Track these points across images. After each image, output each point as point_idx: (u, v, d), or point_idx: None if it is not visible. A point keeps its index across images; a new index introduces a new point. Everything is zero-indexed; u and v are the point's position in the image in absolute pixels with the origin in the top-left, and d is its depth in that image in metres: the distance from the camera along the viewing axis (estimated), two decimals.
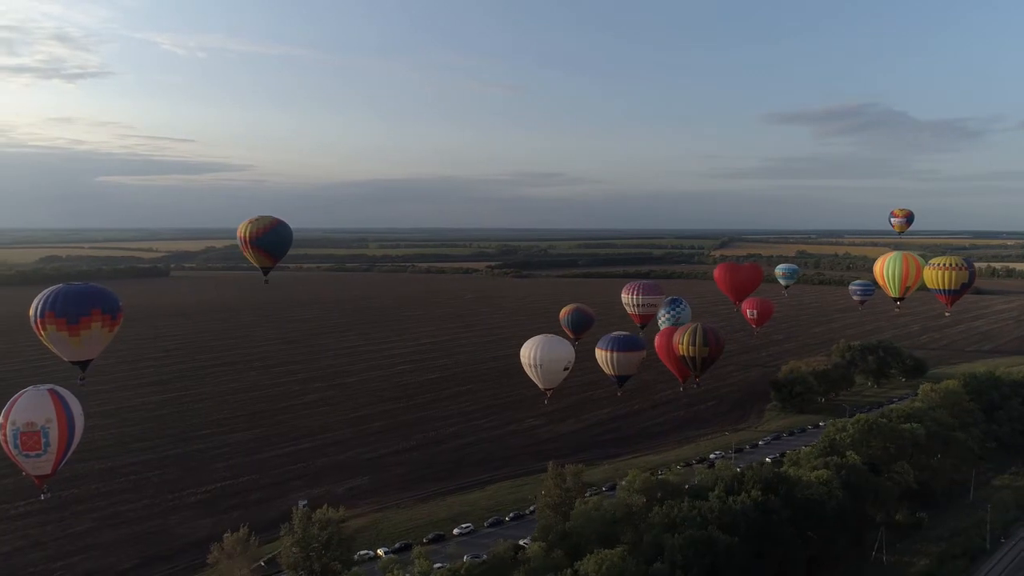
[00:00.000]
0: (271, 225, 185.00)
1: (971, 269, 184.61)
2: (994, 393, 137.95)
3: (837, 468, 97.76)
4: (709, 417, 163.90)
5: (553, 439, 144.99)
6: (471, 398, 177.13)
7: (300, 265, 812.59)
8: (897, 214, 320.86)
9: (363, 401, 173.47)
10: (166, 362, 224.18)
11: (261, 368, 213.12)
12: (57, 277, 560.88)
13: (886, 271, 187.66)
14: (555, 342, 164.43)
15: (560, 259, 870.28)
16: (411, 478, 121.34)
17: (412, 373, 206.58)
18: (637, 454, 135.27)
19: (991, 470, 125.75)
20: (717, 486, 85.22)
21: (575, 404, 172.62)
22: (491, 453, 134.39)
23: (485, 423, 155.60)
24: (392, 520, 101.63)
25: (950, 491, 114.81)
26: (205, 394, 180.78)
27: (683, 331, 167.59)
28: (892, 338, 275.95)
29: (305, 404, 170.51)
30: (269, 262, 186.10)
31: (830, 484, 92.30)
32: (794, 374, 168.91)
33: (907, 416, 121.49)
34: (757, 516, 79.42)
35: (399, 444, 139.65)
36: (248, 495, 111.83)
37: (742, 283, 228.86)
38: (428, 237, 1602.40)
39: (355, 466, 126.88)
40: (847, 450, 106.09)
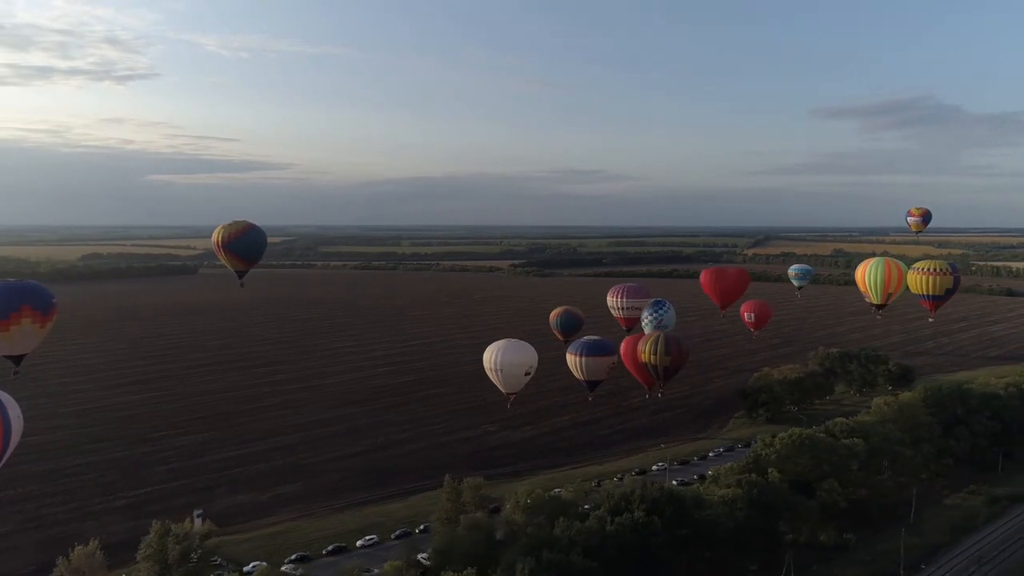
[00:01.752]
0: (244, 230, 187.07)
1: (956, 274, 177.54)
2: (958, 407, 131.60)
3: (750, 486, 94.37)
4: (671, 426, 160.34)
5: (501, 447, 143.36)
6: (436, 402, 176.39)
7: (328, 263, 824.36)
8: (914, 213, 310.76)
9: (327, 404, 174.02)
10: (156, 361, 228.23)
11: (243, 369, 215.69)
12: (88, 274, 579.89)
13: (868, 278, 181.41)
14: (517, 347, 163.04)
15: (586, 258, 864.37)
16: (342, 486, 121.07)
17: (388, 376, 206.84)
18: (580, 464, 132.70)
19: (946, 488, 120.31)
20: (603, 505, 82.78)
21: (540, 409, 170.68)
22: (432, 460, 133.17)
23: (439, 428, 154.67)
24: (302, 530, 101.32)
25: (893, 511, 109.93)
26: (179, 395, 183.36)
27: (647, 339, 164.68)
28: (899, 342, 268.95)
29: (270, 406, 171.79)
30: (242, 266, 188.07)
31: (733, 504, 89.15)
32: (761, 382, 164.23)
33: (851, 430, 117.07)
34: (632, 538, 76.81)
35: (344, 450, 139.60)
36: (174, 500, 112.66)
37: (728, 289, 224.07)
38: (465, 234, 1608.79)
39: (291, 472, 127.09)
40: (771, 466, 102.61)
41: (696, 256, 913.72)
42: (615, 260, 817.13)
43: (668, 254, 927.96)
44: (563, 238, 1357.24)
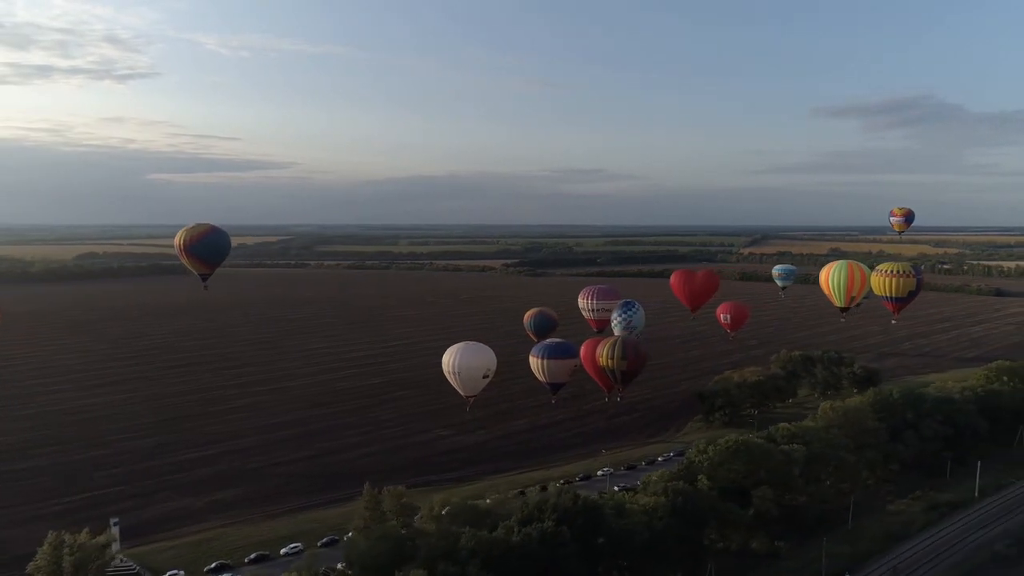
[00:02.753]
0: (205, 233, 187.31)
1: (919, 276, 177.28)
2: (908, 412, 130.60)
3: (674, 494, 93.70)
4: (628, 429, 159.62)
5: (451, 451, 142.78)
6: (398, 405, 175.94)
7: (321, 263, 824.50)
8: (896, 213, 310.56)
9: (290, 407, 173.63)
10: (132, 362, 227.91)
11: (216, 370, 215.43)
12: (80, 274, 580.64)
13: (831, 281, 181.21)
14: (475, 349, 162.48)
15: (580, 257, 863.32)
16: (284, 491, 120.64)
17: (356, 378, 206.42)
18: (526, 469, 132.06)
19: (892, 494, 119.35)
20: (515, 515, 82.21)
21: (500, 412, 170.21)
22: (379, 465, 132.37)
23: (393, 432, 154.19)
24: (230, 537, 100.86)
25: (833, 517, 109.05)
26: (146, 396, 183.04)
27: (605, 343, 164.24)
28: (877, 343, 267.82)
29: (233, 409, 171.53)
30: (205, 269, 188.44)
31: (653, 513, 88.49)
32: (719, 385, 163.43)
33: (792, 436, 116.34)
34: (539, 549, 76.17)
35: (295, 454, 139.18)
36: (110, 506, 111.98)
37: (696, 290, 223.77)
38: (465, 234, 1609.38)
39: (236, 476, 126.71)
40: (703, 473, 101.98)
41: (691, 256, 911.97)
42: (609, 260, 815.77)
43: (664, 253, 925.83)
44: (562, 237, 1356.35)
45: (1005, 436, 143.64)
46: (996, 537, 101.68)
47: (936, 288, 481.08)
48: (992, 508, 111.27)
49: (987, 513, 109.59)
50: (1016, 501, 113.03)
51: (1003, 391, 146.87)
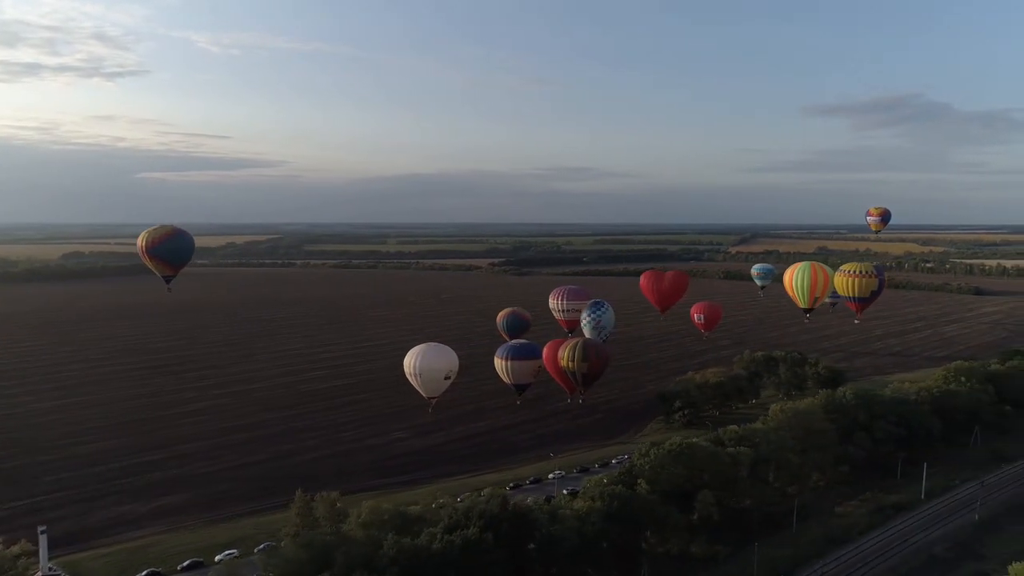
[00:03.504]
0: (168, 235, 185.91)
1: (881, 277, 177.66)
2: (861, 413, 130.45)
3: (610, 498, 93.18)
4: (588, 431, 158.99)
5: (406, 454, 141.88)
6: (359, 407, 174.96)
7: (308, 262, 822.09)
8: (873, 213, 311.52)
9: (248, 410, 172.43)
10: (95, 365, 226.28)
11: (178, 373, 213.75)
12: (63, 274, 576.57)
13: (795, 282, 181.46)
14: (437, 351, 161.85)
15: (567, 256, 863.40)
16: (230, 496, 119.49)
17: (320, 380, 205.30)
18: (478, 472, 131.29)
19: (842, 496, 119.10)
20: (441, 522, 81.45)
21: (463, 414, 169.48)
22: (332, 469, 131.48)
23: (351, 435, 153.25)
24: (167, 544, 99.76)
25: (779, 520, 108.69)
26: (103, 400, 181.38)
27: (567, 345, 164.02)
28: (849, 343, 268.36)
29: (189, 412, 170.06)
30: (168, 271, 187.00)
31: (584, 518, 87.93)
32: (680, 386, 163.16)
33: (740, 438, 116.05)
34: (459, 556, 75.41)
35: (246, 458, 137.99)
36: (51, 513, 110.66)
37: (666, 291, 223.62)
38: (455, 232, 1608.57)
39: (183, 481, 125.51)
40: (643, 477, 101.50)
41: (679, 254, 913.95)
42: (596, 259, 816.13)
43: (651, 252, 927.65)
44: (553, 236, 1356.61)
45: (961, 437, 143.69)
46: (936, 540, 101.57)
47: (917, 287, 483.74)
48: (936, 510, 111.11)
49: (931, 515, 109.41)
50: (961, 503, 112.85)
51: (959, 392, 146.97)
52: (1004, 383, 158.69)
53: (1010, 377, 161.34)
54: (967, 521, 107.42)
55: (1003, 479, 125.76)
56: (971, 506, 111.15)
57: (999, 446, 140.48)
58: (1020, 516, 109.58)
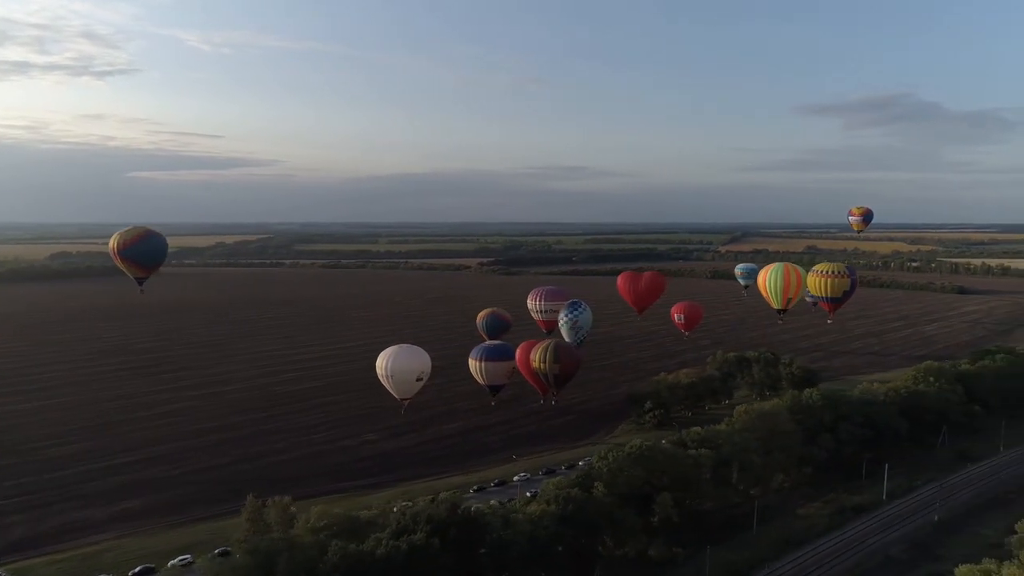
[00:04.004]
0: (139, 236, 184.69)
1: (853, 277, 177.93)
2: (826, 414, 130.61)
3: (564, 502, 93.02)
4: (559, 432, 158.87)
5: (374, 456, 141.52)
6: (332, 409, 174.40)
7: (297, 262, 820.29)
8: (855, 212, 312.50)
9: (221, 412, 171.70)
10: (73, 366, 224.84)
11: (155, 374, 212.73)
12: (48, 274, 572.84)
13: (768, 283, 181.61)
14: (409, 352, 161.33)
15: (557, 256, 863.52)
16: (193, 499, 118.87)
17: (298, 381, 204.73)
18: (445, 475, 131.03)
19: (806, 497, 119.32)
20: (389, 527, 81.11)
21: (434, 415, 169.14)
22: (298, 472, 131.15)
23: (321, 437, 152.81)
24: (122, 549, 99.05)
25: (740, 522, 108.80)
26: (77, 402, 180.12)
27: (539, 346, 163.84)
28: (829, 342, 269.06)
29: (162, 414, 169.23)
30: (141, 272, 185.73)
31: (537, 522, 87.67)
32: (651, 387, 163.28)
33: (702, 440, 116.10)
34: (404, 562, 75.07)
35: (213, 461, 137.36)
36: (8, 518, 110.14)
37: (643, 292, 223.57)
38: (448, 232, 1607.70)
39: (146, 484, 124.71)
40: (600, 480, 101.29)
41: (668, 254, 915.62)
42: (585, 258, 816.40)
43: (641, 251, 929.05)
44: (545, 235, 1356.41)
45: (929, 437, 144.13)
46: (893, 541, 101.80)
47: (901, 286, 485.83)
48: (897, 511, 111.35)
49: (891, 516, 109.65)
50: (922, 504, 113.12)
51: (927, 392, 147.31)
52: (974, 383, 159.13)
53: (980, 377, 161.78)
54: (927, 522, 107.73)
55: (967, 479, 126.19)
56: (932, 507, 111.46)
57: (966, 446, 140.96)
58: (980, 517, 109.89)
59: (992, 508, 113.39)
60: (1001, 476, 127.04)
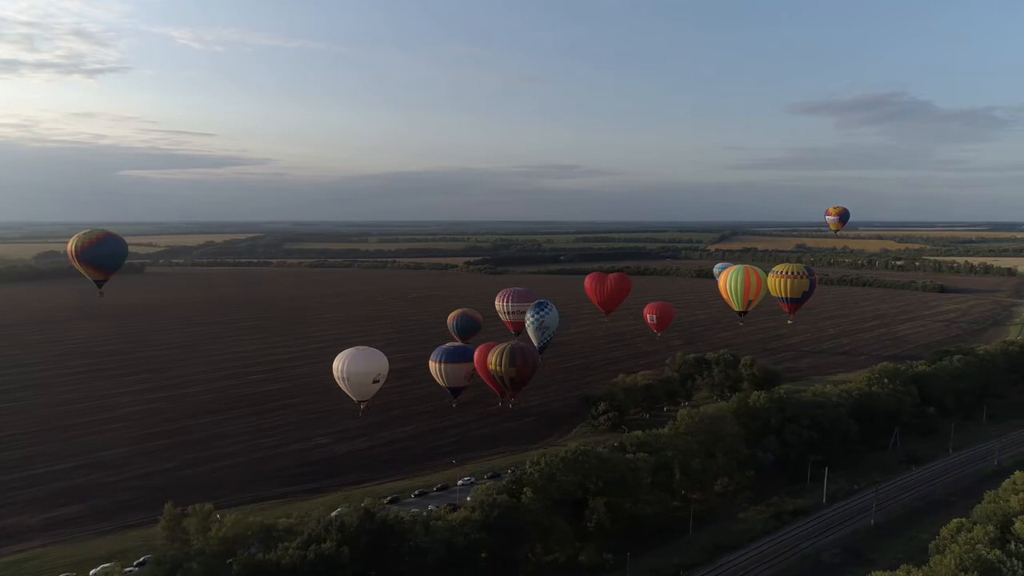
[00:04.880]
0: (98, 239, 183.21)
1: (812, 278, 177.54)
2: (772, 416, 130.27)
3: (490, 508, 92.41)
4: (513, 435, 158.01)
5: (322, 460, 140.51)
6: (289, 412, 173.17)
7: (284, 261, 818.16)
8: (831, 212, 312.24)
9: (178, 415, 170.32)
10: (35, 369, 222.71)
11: (116, 376, 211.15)
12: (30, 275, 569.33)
13: (728, 286, 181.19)
14: (365, 354, 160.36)
15: (545, 255, 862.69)
16: (131, 505, 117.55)
17: (260, 383, 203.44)
18: (388, 479, 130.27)
19: (749, 500, 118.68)
20: (300, 536, 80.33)
21: (391, 418, 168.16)
22: (241, 476, 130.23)
23: (272, 440, 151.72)
24: (47, 557, 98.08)
25: (679, 526, 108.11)
26: (32, 405, 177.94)
27: (496, 349, 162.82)
28: (800, 342, 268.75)
29: (117, 418, 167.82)
30: (99, 275, 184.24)
31: (456, 529, 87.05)
32: (605, 389, 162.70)
33: (641, 444, 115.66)
34: (310, 572, 74.31)
35: (160, 465, 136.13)
36: None
37: (609, 293, 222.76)
38: (440, 230, 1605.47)
39: (86, 490, 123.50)
40: (531, 485, 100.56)
41: (657, 252, 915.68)
42: (573, 257, 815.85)
43: (630, 250, 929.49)
44: (537, 233, 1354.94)
45: (882, 439, 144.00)
46: (826, 545, 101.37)
47: (883, 284, 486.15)
48: (835, 515, 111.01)
49: (828, 520, 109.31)
50: (861, 507, 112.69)
51: (879, 394, 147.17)
52: (929, 384, 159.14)
53: (936, 378, 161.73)
54: (863, 526, 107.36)
55: (913, 481, 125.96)
56: (871, 510, 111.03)
57: (916, 448, 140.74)
58: (917, 520, 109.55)
59: (933, 511, 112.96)
60: (946, 479, 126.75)
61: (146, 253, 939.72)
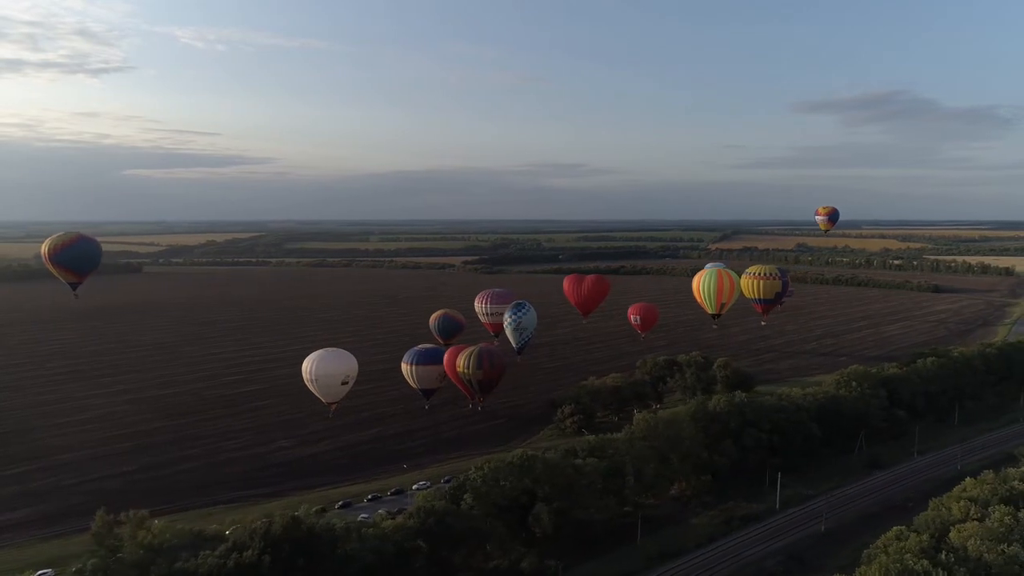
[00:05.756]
0: (71, 241, 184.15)
1: (784, 279, 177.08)
2: (732, 420, 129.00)
3: (425, 514, 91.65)
4: (480, 438, 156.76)
5: (280, 464, 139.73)
6: (258, 414, 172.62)
7: (283, 260, 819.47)
8: (821, 212, 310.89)
9: (147, 417, 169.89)
10: (13, 371, 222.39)
11: (92, 378, 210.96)
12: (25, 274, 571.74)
13: (702, 288, 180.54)
14: (334, 356, 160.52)
15: (543, 254, 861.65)
16: (81, 510, 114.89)
17: (234, 385, 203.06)
18: (344, 483, 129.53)
19: (704, 505, 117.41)
20: (224, 543, 79.63)
21: (359, 421, 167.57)
22: (198, 480, 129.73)
23: (235, 443, 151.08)
24: None
25: (629, 531, 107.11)
26: (5, 407, 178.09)
27: (465, 352, 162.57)
28: (784, 343, 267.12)
29: (85, 420, 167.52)
30: (73, 278, 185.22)
31: (386, 537, 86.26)
32: (571, 392, 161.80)
33: (592, 449, 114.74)
34: None
35: (118, 468, 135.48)
36: None
37: (586, 295, 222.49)
38: (442, 229, 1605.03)
39: (39, 494, 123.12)
40: (473, 491, 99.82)
41: (656, 251, 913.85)
42: (572, 256, 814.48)
43: (629, 249, 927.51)
44: (538, 233, 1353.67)
45: (847, 442, 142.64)
46: (774, 552, 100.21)
47: (879, 284, 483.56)
48: (785, 521, 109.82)
49: (777, 526, 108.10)
50: (813, 513, 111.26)
51: (845, 396, 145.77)
52: (899, 387, 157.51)
53: (906, 381, 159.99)
54: (813, 532, 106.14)
55: (871, 486, 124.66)
56: (824, 516, 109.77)
57: (880, 452, 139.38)
58: (870, 526, 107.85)
59: (887, 517, 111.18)
60: (906, 483, 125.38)
61: (146, 252, 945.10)
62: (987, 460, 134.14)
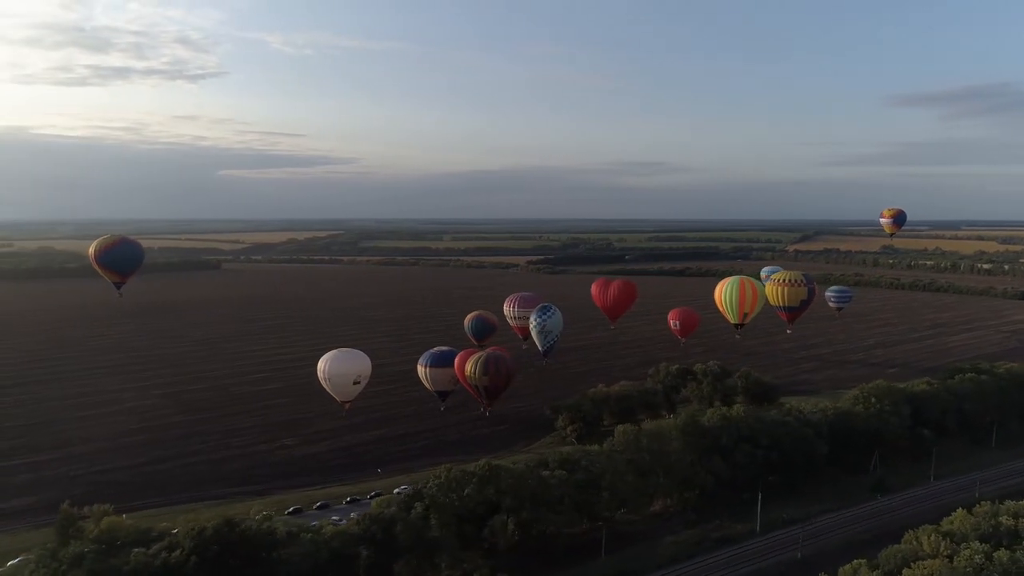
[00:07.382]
0: (114, 243, 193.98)
1: (810, 286, 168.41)
2: (724, 435, 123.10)
3: (369, 521, 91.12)
4: (480, 443, 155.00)
5: (277, 463, 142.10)
6: (272, 412, 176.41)
7: (354, 258, 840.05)
8: (886, 215, 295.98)
9: (168, 412, 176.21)
10: (56, 364, 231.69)
11: (129, 373, 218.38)
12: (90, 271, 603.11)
13: (724, 297, 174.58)
14: (347, 356, 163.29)
15: (609, 255, 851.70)
16: (79, 499, 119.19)
17: (259, 382, 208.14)
18: (331, 484, 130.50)
19: (684, 524, 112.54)
20: (159, 542, 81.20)
21: (369, 421, 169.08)
22: (193, 477, 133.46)
23: (241, 441, 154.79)
24: None
25: (595, 547, 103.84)
26: (32, 399, 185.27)
27: (473, 357, 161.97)
28: (831, 352, 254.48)
29: (108, 413, 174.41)
30: (117, 278, 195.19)
31: (322, 544, 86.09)
32: (572, 400, 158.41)
33: (563, 461, 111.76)
34: None
35: (125, 462, 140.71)
36: None
37: (613, 300, 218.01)
38: (517, 228, 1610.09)
39: (47, 483, 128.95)
40: (426, 500, 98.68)
41: (729, 252, 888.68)
42: (639, 256, 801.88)
43: (700, 250, 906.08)
44: (613, 232, 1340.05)
45: (858, 462, 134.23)
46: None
47: (959, 290, 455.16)
48: (761, 546, 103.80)
49: (752, 551, 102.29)
50: (794, 539, 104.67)
51: (859, 413, 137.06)
52: (927, 405, 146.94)
53: (935, 398, 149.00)
54: (788, 559, 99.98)
55: (868, 512, 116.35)
56: (806, 542, 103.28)
57: (890, 475, 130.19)
58: (853, 556, 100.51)
59: (879, 546, 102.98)
60: (910, 510, 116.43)
61: (230, 250, 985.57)
62: (1010, 488, 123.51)
